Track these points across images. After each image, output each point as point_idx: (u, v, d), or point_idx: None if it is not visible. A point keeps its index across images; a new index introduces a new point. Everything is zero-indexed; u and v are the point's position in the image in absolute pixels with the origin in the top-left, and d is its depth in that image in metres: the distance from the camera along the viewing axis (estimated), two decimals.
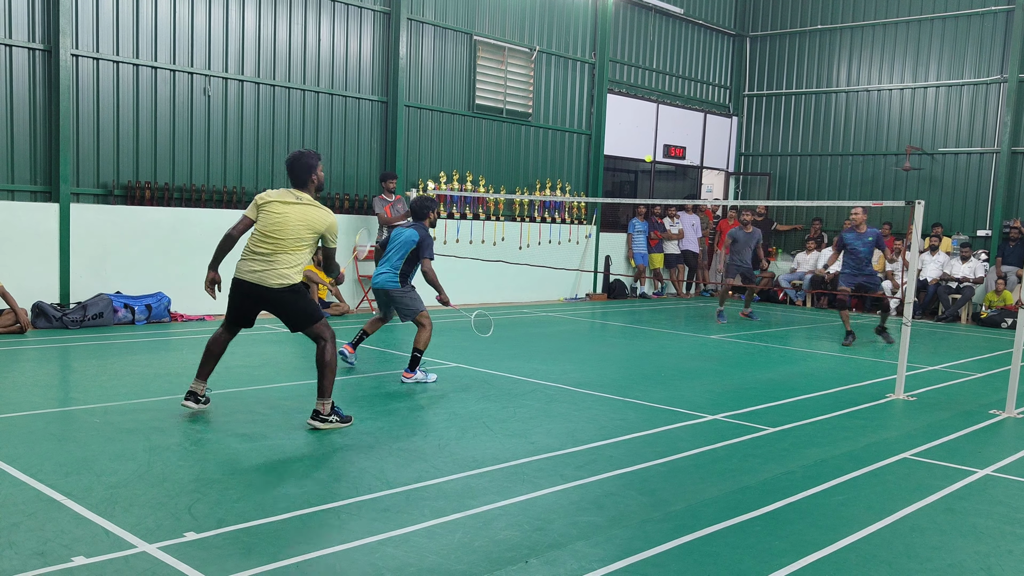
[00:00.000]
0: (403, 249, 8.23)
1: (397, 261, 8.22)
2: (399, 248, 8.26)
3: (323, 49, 13.00)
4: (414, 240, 8.23)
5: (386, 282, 8.23)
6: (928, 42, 17.74)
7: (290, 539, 4.13)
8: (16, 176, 10.50)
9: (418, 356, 8.01)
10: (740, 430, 6.66)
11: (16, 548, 3.89)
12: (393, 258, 8.24)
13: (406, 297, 8.24)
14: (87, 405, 6.65)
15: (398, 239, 8.34)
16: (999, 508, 5.07)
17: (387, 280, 8.23)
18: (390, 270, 8.23)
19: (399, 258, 8.23)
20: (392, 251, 8.31)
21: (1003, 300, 15.22)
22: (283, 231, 6.22)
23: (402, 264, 8.22)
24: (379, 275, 8.31)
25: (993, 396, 8.44)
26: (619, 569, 3.95)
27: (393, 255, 8.27)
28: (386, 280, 8.24)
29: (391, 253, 8.30)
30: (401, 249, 8.24)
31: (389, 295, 8.24)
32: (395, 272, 8.21)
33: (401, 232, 8.38)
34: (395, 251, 8.28)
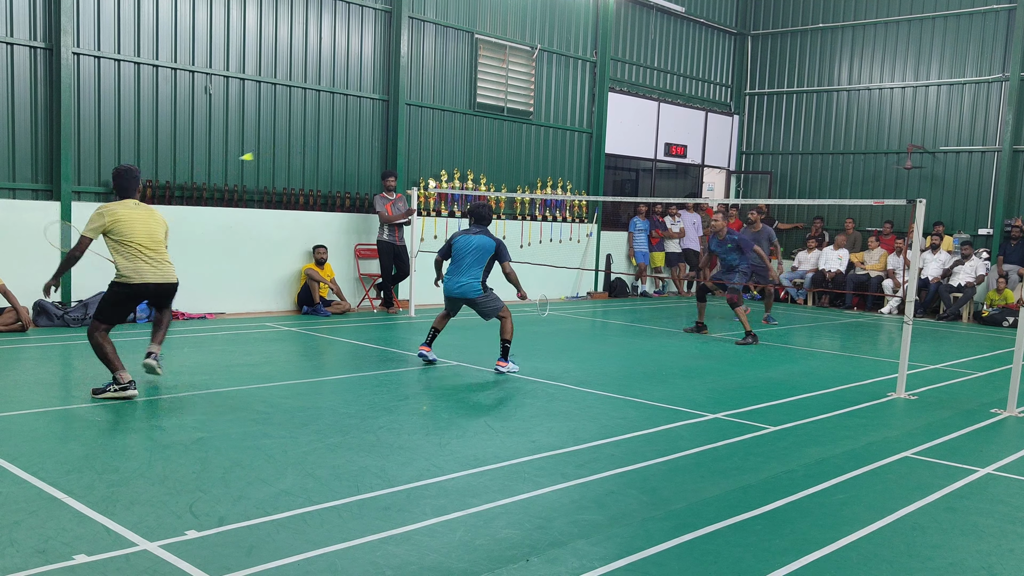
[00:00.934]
0: (481, 256, 8.56)
1: (477, 270, 8.55)
2: (477, 256, 8.56)
3: (324, 47, 13.00)
4: (491, 247, 8.60)
5: (469, 291, 8.56)
6: (930, 41, 17.73)
7: (291, 537, 4.13)
8: (17, 174, 10.50)
9: (508, 346, 8.51)
10: (741, 429, 6.66)
11: (17, 546, 3.90)
12: (471, 267, 8.54)
13: (490, 301, 8.61)
14: (88, 403, 6.65)
15: (470, 247, 8.61)
16: (1000, 507, 5.07)
17: (470, 289, 8.55)
18: (471, 279, 8.55)
19: (479, 266, 8.55)
20: (468, 259, 8.57)
21: (1004, 299, 15.21)
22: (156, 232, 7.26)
23: (481, 271, 8.57)
24: (459, 285, 8.59)
25: (994, 395, 8.43)
26: (620, 567, 3.96)
27: (470, 263, 8.56)
28: (469, 289, 8.56)
29: (467, 261, 8.57)
30: (479, 257, 8.56)
31: (472, 302, 8.59)
32: (476, 280, 8.56)
33: (470, 239, 8.64)
34: (472, 259, 8.56)
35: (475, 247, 8.62)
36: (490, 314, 8.67)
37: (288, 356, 9.40)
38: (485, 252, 8.61)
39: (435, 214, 14.39)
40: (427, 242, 13.99)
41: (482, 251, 8.61)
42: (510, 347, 8.60)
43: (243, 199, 12.21)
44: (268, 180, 12.52)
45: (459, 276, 8.63)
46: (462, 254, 8.67)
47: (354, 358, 9.37)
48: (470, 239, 8.67)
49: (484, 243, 8.63)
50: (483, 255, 8.61)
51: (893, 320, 15.21)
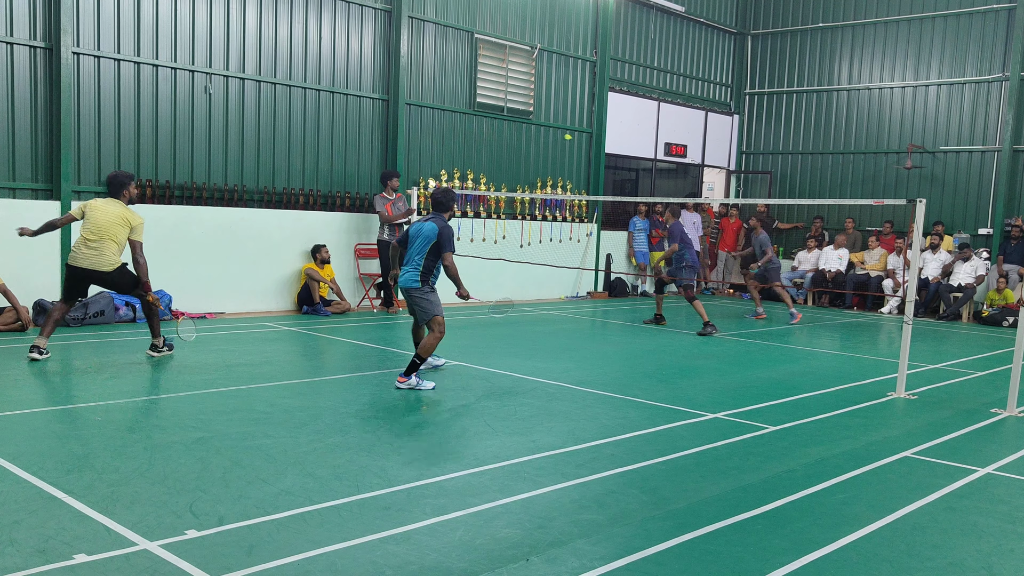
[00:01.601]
0: (424, 244, 7.86)
1: (419, 259, 7.87)
2: (420, 243, 7.89)
3: (324, 47, 13.00)
4: (434, 233, 7.84)
5: (408, 281, 7.92)
6: (930, 40, 17.72)
7: (291, 537, 4.13)
8: (17, 174, 10.50)
9: (418, 363, 7.64)
10: (741, 428, 6.66)
11: (17, 546, 3.90)
12: (415, 256, 7.90)
13: (424, 298, 7.88)
14: (88, 403, 6.65)
15: (419, 234, 7.95)
16: (1000, 507, 5.07)
17: (409, 279, 7.91)
18: (412, 270, 7.91)
19: (420, 255, 7.86)
20: (414, 248, 7.95)
21: (1004, 299, 15.21)
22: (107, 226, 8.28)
23: (423, 261, 7.85)
24: (403, 275, 8.00)
25: (994, 395, 8.43)
26: (620, 567, 3.96)
27: (415, 253, 7.92)
28: (408, 279, 7.92)
29: (413, 251, 7.94)
30: (423, 244, 7.87)
31: (408, 295, 7.96)
32: (417, 271, 7.87)
33: (421, 227, 8.00)
34: (417, 248, 7.92)
35: (423, 234, 7.90)
36: (423, 317, 7.88)
37: (288, 356, 9.40)
38: (427, 240, 7.85)
39: None
40: None
41: (425, 239, 7.87)
42: (421, 365, 7.67)
43: (243, 199, 12.21)
44: (268, 180, 12.52)
45: (405, 266, 8.00)
46: (412, 242, 8.00)
47: (354, 358, 9.37)
48: (420, 226, 7.97)
49: (430, 229, 7.87)
50: (426, 243, 7.86)
51: (893, 320, 15.21)
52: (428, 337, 7.73)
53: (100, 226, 8.28)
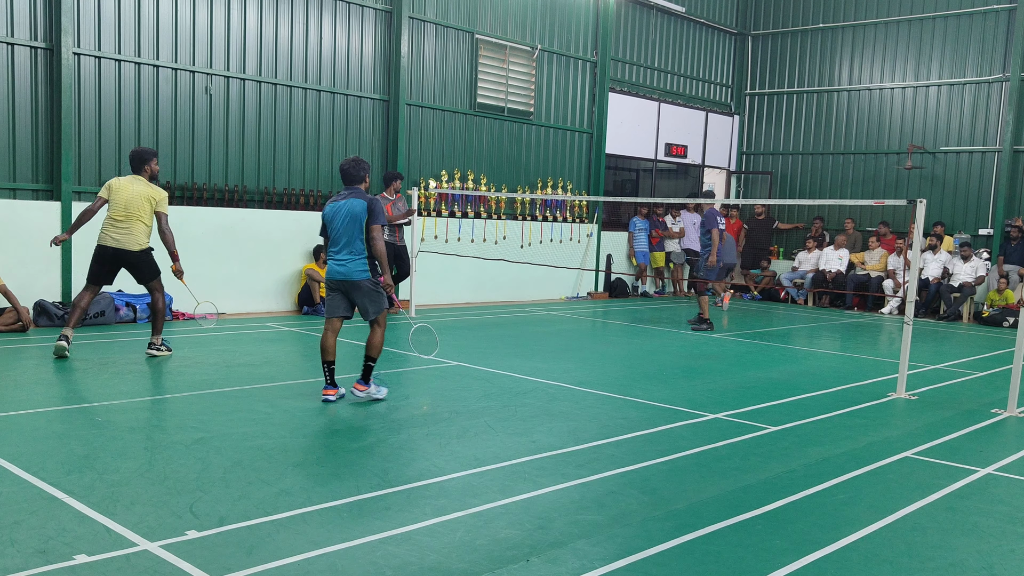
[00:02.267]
0: (355, 225, 6.82)
1: (359, 244, 6.85)
2: (350, 224, 6.82)
3: (324, 47, 13.00)
4: (361, 209, 6.81)
5: (354, 271, 6.83)
6: (930, 41, 17.72)
7: (291, 537, 4.13)
8: (18, 174, 10.50)
9: (372, 365, 7.01)
10: (741, 429, 6.66)
11: (18, 546, 3.90)
12: (351, 240, 6.83)
13: (376, 290, 6.94)
14: (89, 403, 6.66)
15: (340, 214, 6.84)
16: (1000, 507, 5.07)
17: (355, 269, 6.83)
18: (353, 256, 6.84)
19: (357, 239, 6.84)
20: (342, 232, 6.84)
21: (1005, 299, 15.20)
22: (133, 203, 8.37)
23: (364, 245, 6.87)
24: (341, 264, 6.84)
25: (995, 395, 8.43)
26: (620, 568, 3.95)
27: (346, 236, 6.83)
28: (352, 269, 6.83)
29: (343, 237, 6.84)
30: (352, 225, 6.82)
31: (356, 287, 6.88)
32: (362, 258, 6.86)
33: (339, 206, 6.88)
34: (346, 230, 6.83)
35: (345, 215, 6.83)
36: (370, 311, 6.97)
37: (288, 356, 9.40)
38: (356, 219, 6.81)
39: (435, 214, 14.39)
40: (428, 242, 13.99)
41: (353, 218, 6.81)
42: (374, 366, 7.07)
43: (243, 199, 12.22)
44: (268, 180, 12.53)
45: (338, 254, 6.88)
46: (335, 226, 6.89)
47: (354, 358, 9.36)
48: (339, 206, 6.88)
49: (353, 207, 6.81)
50: (356, 223, 6.82)
51: (893, 320, 15.21)
52: (374, 335, 7.03)
53: (126, 204, 8.35)
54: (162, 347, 8.71)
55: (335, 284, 6.95)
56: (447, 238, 14.44)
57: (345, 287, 6.94)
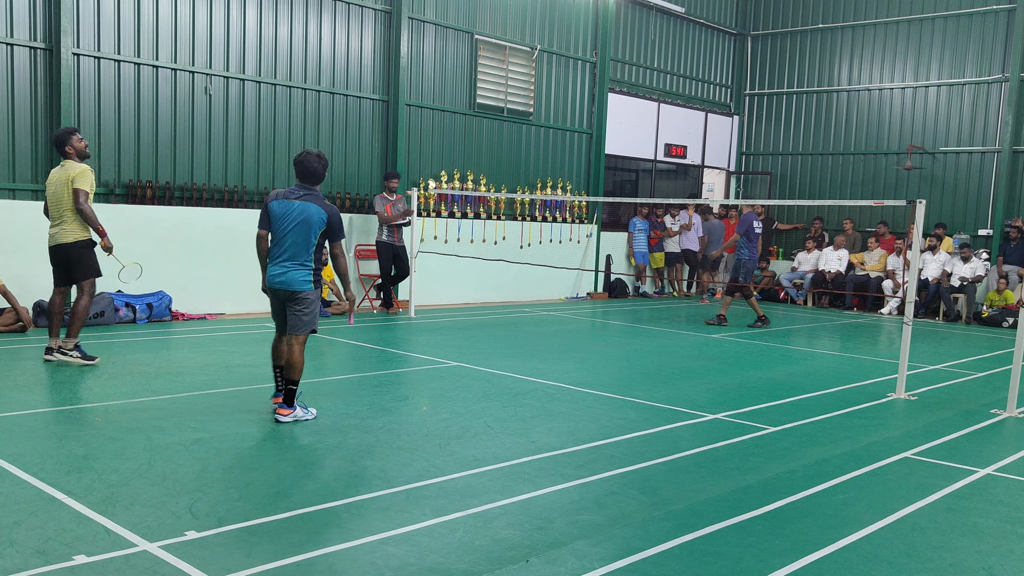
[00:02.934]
0: (307, 233, 6.16)
1: (305, 254, 6.20)
2: (302, 230, 6.16)
3: (324, 48, 13.00)
4: (321, 219, 6.18)
5: (293, 282, 6.19)
6: (929, 41, 17.73)
7: (291, 538, 4.13)
8: (17, 175, 10.50)
9: (294, 388, 6.33)
10: (741, 429, 6.66)
11: (17, 546, 3.90)
12: (297, 248, 6.17)
13: (313, 305, 6.32)
14: (88, 404, 6.66)
15: (292, 215, 6.14)
16: (1000, 508, 5.07)
17: (295, 279, 6.19)
18: (298, 266, 6.20)
19: (307, 248, 6.20)
20: (290, 236, 6.17)
21: (1004, 299, 15.21)
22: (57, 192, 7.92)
23: (313, 255, 6.25)
24: (284, 272, 6.19)
25: (994, 395, 8.43)
26: (620, 568, 3.95)
27: (297, 244, 6.17)
28: (294, 279, 6.19)
29: (289, 240, 6.16)
30: (305, 233, 6.16)
31: (294, 299, 6.23)
32: (307, 270, 6.22)
33: (290, 207, 6.16)
34: (294, 234, 6.16)
35: (298, 218, 6.14)
36: (300, 327, 6.28)
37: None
38: (312, 228, 6.16)
39: (435, 214, 14.39)
40: (427, 243, 13.99)
41: (308, 225, 6.15)
42: (296, 388, 6.33)
43: (243, 200, 12.21)
44: (268, 181, 12.52)
45: (281, 260, 6.19)
46: (283, 227, 6.17)
47: (353, 359, 9.37)
48: (291, 206, 6.16)
49: (310, 213, 6.13)
50: (309, 231, 6.16)
51: (893, 321, 15.21)
52: (298, 354, 6.30)
53: (54, 196, 7.91)
54: (73, 352, 7.94)
55: (272, 293, 6.31)
56: (447, 238, 14.44)
57: (282, 296, 6.27)
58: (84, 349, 8.15)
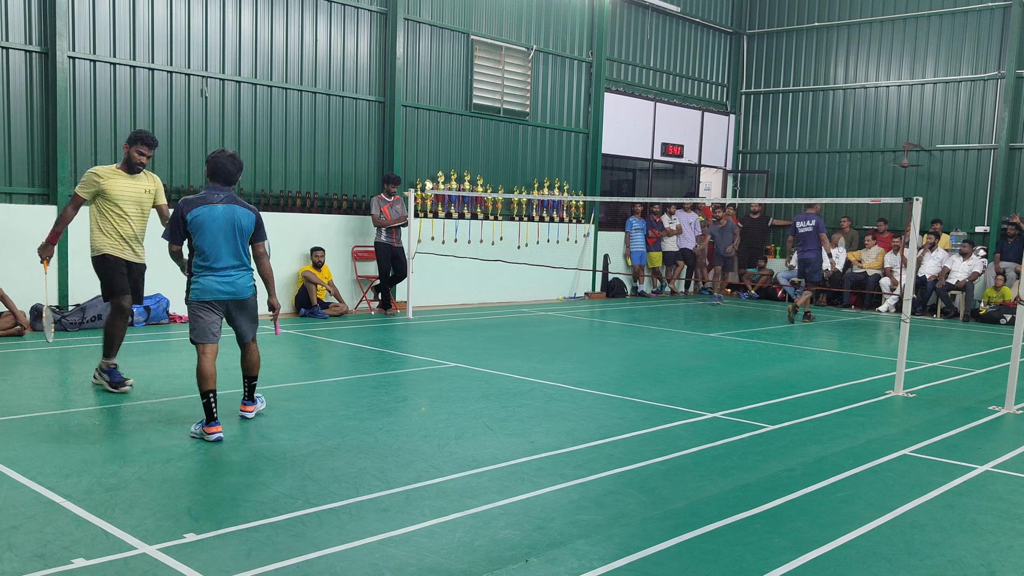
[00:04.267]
0: (242, 237, 6.03)
1: (244, 257, 6.09)
2: (234, 236, 5.98)
3: (320, 50, 12.99)
4: (250, 222, 6.06)
5: (244, 288, 6.08)
6: (925, 39, 17.75)
7: (290, 540, 4.13)
8: (14, 179, 10.49)
9: (255, 383, 6.50)
10: (740, 428, 6.66)
11: (16, 550, 3.89)
12: (237, 253, 6.02)
13: (255, 307, 6.29)
14: (86, 407, 6.65)
15: (219, 222, 5.90)
16: (999, 504, 5.07)
17: (245, 285, 6.09)
18: (240, 272, 6.06)
19: (245, 252, 6.09)
20: (224, 243, 5.94)
21: (1002, 296, 15.22)
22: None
23: (248, 258, 6.13)
24: (228, 280, 5.98)
25: (992, 392, 8.44)
26: (619, 567, 3.95)
27: (230, 249, 5.97)
28: (244, 286, 6.08)
29: (225, 246, 5.94)
30: (239, 238, 6.01)
31: (243, 307, 6.16)
32: (249, 272, 6.13)
33: (214, 211, 5.89)
34: (228, 242, 5.96)
35: (226, 225, 5.93)
36: (250, 333, 6.29)
37: (286, 359, 9.38)
38: (243, 232, 6.02)
39: (432, 215, 14.39)
40: (425, 244, 13.99)
41: (239, 231, 5.99)
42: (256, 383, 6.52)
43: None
44: (265, 183, 12.51)
45: (222, 269, 5.95)
46: (211, 235, 5.89)
47: (352, 360, 9.37)
48: (215, 212, 5.89)
49: (238, 218, 5.98)
50: (241, 236, 6.01)
51: (891, 318, 15.22)
52: (255, 353, 6.40)
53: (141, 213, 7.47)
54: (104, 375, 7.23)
55: (218, 304, 6.02)
56: (444, 239, 14.44)
57: (231, 306, 6.10)
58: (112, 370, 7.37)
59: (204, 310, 6.00)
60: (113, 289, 7.12)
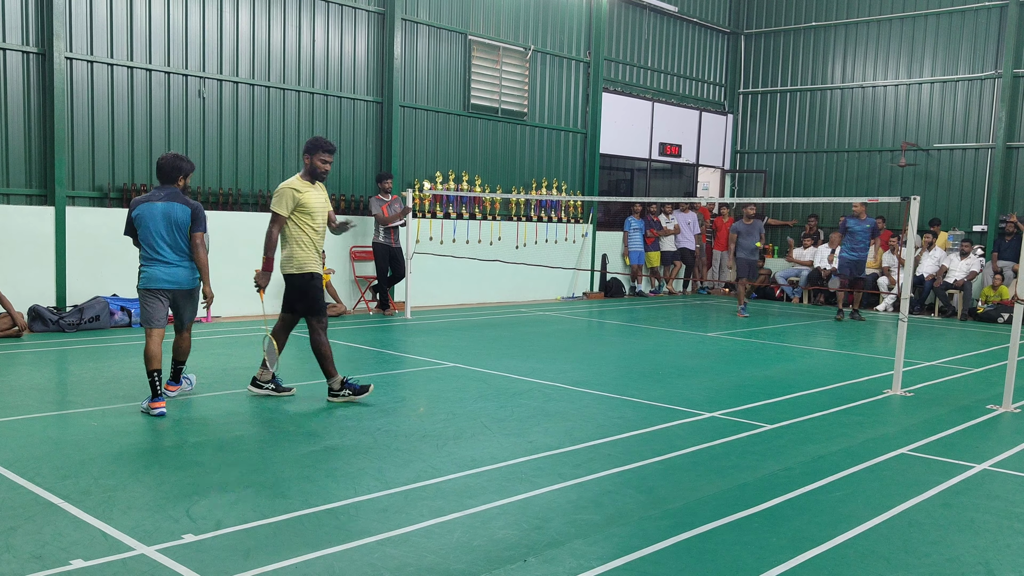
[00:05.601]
0: (180, 231, 6.56)
1: (186, 251, 6.63)
2: (171, 230, 6.53)
3: (317, 50, 12.99)
4: (185, 216, 6.54)
5: (185, 279, 6.65)
6: (922, 38, 17.77)
7: (289, 540, 4.13)
8: (11, 179, 10.48)
9: (182, 367, 7.07)
10: (738, 427, 6.67)
11: (14, 551, 3.89)
12: (176, 247, 6.56)
13: (197, 298, 6.87)
14: (84, 408, 6.64)
15: (156, 218, 6.47)
16: (996, 503, 5.08)
17: (187, 277, 6.65)
18: (186, 265, 6.63)
19: (185, 245, 6.61)
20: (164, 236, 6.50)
21: (999, 295, 15.24)
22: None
23: (188, 249, 6.64)
24: (170, 271, 6.54)
25: (990, 391, 8.45)
26: (618, 567, 3.96)
27: (169, 242, 6.53)
28: (185, 277, 6.64)
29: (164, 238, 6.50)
30: (177, 232, 6.55)
31: (187, 295, 6.74)
32: (190, 264, 6.67)
33: (153, 208, 6.48)
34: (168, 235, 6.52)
35: (163, 219, 6.48)
36: (189, 319, 6.86)
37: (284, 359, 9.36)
38: (180, 226, 6.53)
39: (430, 215, 14.39)
40: (423, 244, 13.99)
41: (175, 225, 6.52)
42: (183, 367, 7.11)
43: (238, 202, 12.20)
44: (263, 183, 12.51)
45: (164, 261, 6.52)
46: (151, 230, 6.48)
47: (350, 360, 9.36)
48: (153, 208, 6.48)
49: (174, 213, 6.51)
50: (179, 230, 6.54)
51: (888, 317, 15.23)
52: (187, 340, 6.94)
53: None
54: (343, 392, 7.13)
55: (164, 293, 6.56)
56: (442, 239, 14.44)
57: (176, 295, 6.65)
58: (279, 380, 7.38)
59: (150, 298, 6.57)
60: (321, 308, 7.05)
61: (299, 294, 7.00)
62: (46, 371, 8.27)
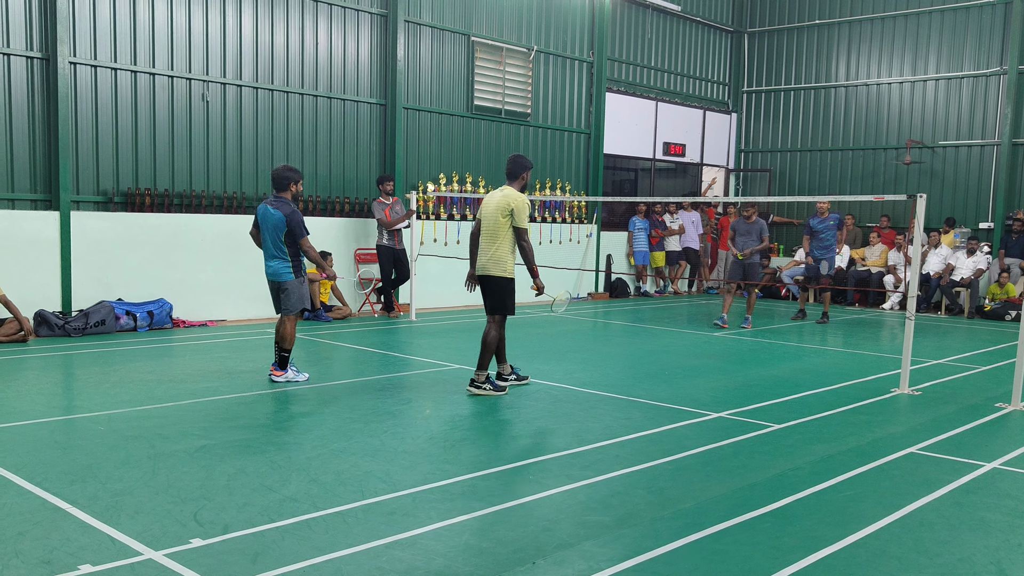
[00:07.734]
0: (276, 233, 7.71)
1: (282, 249, 7.77)
2: (272, 231, 7.73)
3: (321, 53, 12.99)
4: (282, 223, 7.68)
5: (280, 272, 7.79)
6: (927, 35, 17.72)
7: (296, 544, 4.11)
8: (16, 185, 10.49)
9: (287, 355, 7.91)
10: (746, 427, 6.64)
11: (22, 557, 3.88)
12: (276, 244, 7.76)
13: (294, 292, 7.84)
14: (91, 413, 6.64)
15: (265, 222, 7.77)
16: (1007, 501, 5.05)
17: (280, 271, 7.79)
18: (279, 262, 7.80)
19: (281, 245, 7.75)
20: (267, 236, 7.78)
21: (1007, 293, 15.19)
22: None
23: (286, 250, 7.77)
24: (269, 268, 7.85)
25: (998, 389, 8.41)
26: (628, 568, 3.94)
27: (271, 240, 7.76)
28: (278, 272, 7.79)
29: (267, 238, 7.79)
30: (274, 234, 7.72)
31: (281, 288, 7.84)
32: (286, 264, 7.80)
33: (267, 211, 7.74)
34: (270, 235, 7.76)
35: (271, 224, 7.72)
36: (291, 309, 7.87)
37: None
38: (277, 228, 7.69)
39: (434, 217, 14.38)
40: (427, 245, 13.98)
41: (274, 226, 7.70)
42: (289, 356, 7.96)
43: (242, 205, 12.20)
44: (267, 186, 12.51)
45: (267, 257, 7.85)
46: (262, 230, 7.83)
47: (356, 363, 9.36)
48: (266, 211, 7.75)
49: (274, 217, 7.68)
50: (276, 231, 7.70)
51: (895, 316, 15.19)
52: (290, 326, 7.84)
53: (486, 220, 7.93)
54: (485, 385, 7.63)
55: (269, 283, 7.94)
56: (446, 241, 14.43)
57: (273, 286, 7.90)
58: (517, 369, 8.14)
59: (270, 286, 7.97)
60: (512, 308, 7.83)
61: (506, 294, 7.77)
62: (52, 376, 8.27)
